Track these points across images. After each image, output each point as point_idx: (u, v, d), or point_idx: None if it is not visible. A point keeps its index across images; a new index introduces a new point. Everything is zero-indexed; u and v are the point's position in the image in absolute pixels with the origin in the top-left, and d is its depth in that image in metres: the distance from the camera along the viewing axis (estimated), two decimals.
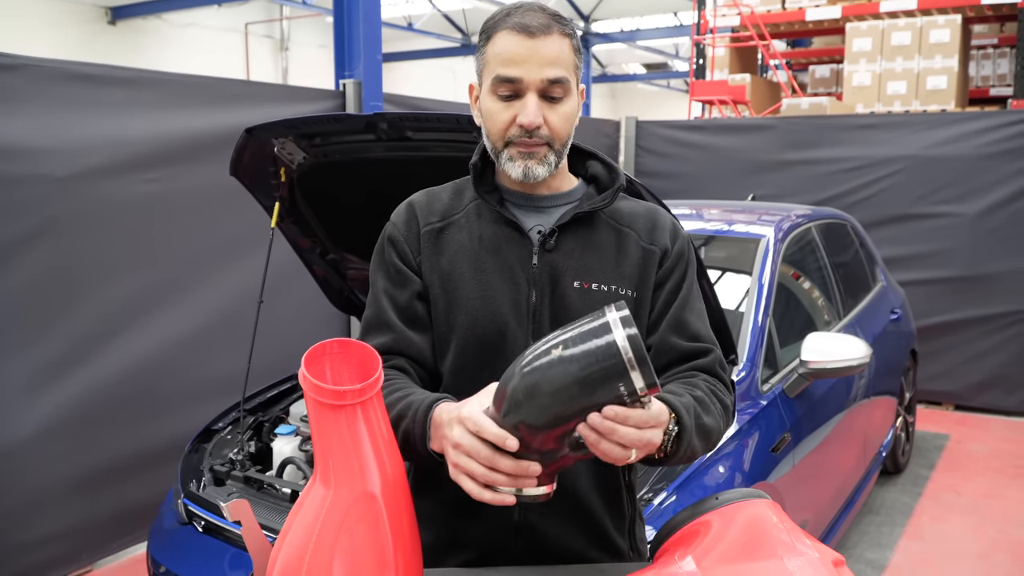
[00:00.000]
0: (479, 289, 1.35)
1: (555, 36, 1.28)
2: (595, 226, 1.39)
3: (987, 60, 8.24)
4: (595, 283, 1.36)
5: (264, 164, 2.57)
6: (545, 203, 1.40)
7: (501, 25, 1.29)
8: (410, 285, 1.39)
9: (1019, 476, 4.56)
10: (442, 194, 1.45)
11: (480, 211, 1.40)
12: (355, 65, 4.52)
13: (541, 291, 1.35)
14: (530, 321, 1.34)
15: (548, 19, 1.28)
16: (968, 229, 5.53)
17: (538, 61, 1.26)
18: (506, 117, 1.29)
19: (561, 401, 1.00)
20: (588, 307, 1.32)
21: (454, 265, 1.37)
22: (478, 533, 1.36)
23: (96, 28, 14.28)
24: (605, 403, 1.00)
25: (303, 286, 3.41)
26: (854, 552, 3.67)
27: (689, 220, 3.60)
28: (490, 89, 1.30)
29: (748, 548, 1.05)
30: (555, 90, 1.28)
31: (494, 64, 1.29)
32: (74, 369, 3.20)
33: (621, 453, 1.04)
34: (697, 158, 6.43)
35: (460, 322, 1.35)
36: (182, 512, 2.42)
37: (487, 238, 1.37)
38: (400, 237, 1.40)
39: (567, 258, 1.36)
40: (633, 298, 1.37)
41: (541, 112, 1.28)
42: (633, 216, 1.43)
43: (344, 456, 1.05)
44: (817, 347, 2.85)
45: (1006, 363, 5.53)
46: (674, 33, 18.52)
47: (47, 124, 3.07)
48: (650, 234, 1.41)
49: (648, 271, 1.39)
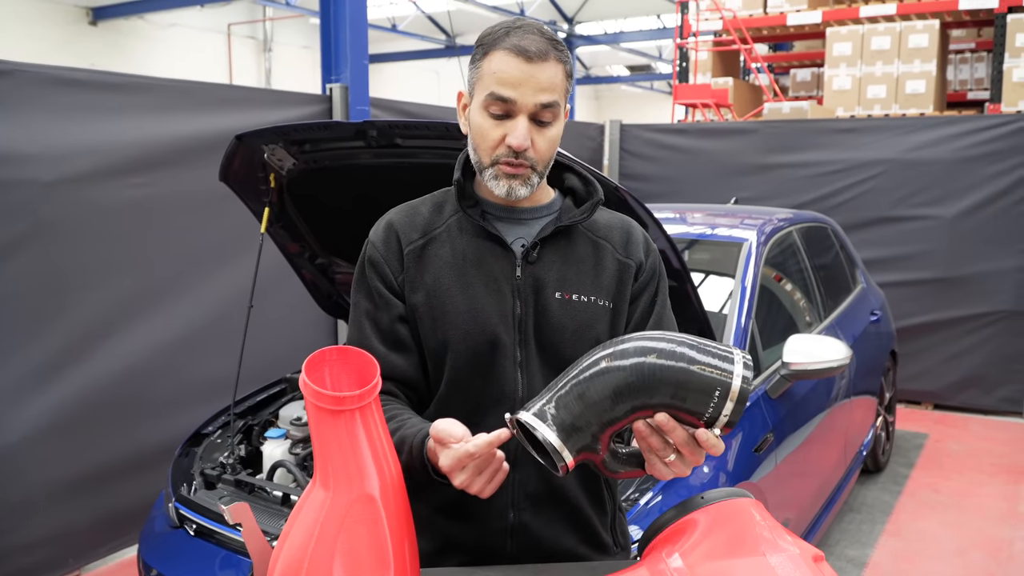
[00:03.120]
0: (467, 302, 1.38)
1: (551, 62, 1.31)
2: (574, 239, 1.43)
3: (965, 64, 8.35)
4: (575, 294, 1.40)
5: (254, 170, 2.59)
6: (526, 216, 1.43)
7: (500, 44, 1.31)
8: (392, 308, 1.40)
9: (996, 474, 4.65)
10: (421, 208, 1.46)
11: (462, 224, 1.42)
12: (342, 69, 4.54)
13: (525, 302, 1.39)
14: (516, 331, 1.38)
15: (547, 45, 1.31)
16: (946, 231, 5.63)
17: (533, 86, 1.29)
18: (496, 135, 1.32)
19: (665, 391, 1.10)
20: (569, 317, 1.38)
21: (439, 280, 1.39)
22: (472, 536, 1.40)
23: (77, 28, 14.17)
24: (686, 412, 1.11)
25: (292, 290, 3.43)
26: (835, 549, 3.73)
27: (673, 224, 3.65)
28: (482, 104, 1.32)
29: (732, 545, 1.09)
30: (545, 114, 1.31)
31: (489, 81, 1.31)
32: (63, 373, 3.21)
33: (663, 452, 1.15)
34: (680, 161, 6.50)
35: (452, 336, 1.37)
36: (173, 516, 2.44)
37: (471, 252, 1.40)
38: (380, 259, 1.42)
39: (548, 270, 1.40)
40: (609, 309, 1.42)
41: (530, 135, 1.31)
42: (609, 228, 1.47)
43: (343, 460, 1.09)
44: (799, 349, 2.90)
45: (983, 363, 5.63)
46: (657, 35, 18.62)
47: (33, 129, 3.07)
48: (625, 247, 1.46)
49: (624, 284, 1.44)
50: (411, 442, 1.26)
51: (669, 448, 1.15)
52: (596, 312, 1.40)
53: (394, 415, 1.33)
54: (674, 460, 1.16)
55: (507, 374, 1.38)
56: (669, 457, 1.16)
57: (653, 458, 1.17)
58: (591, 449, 1.13)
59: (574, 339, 1.38)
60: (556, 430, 1.09)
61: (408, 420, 1.32)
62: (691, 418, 1.11)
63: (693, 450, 1.14)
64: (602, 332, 1.41)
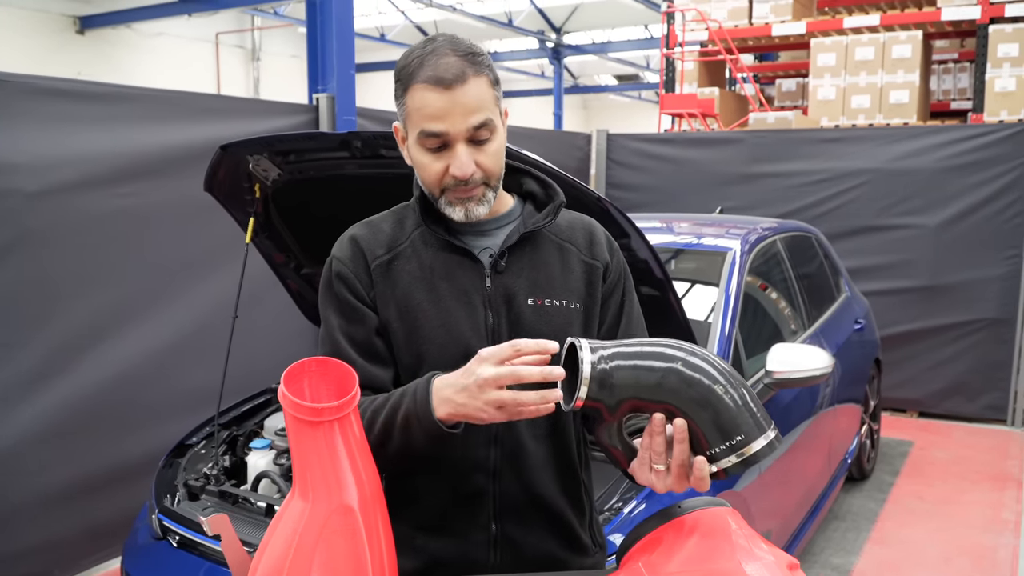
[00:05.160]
0: (439, 317, 1.37)
1: (472, 81, 1.27)
2: (539, 244, 1.44)
3: (948, 74, 8.45)
4: (547, 299, 1.40)
5: (239, 180, 2.59)
6: (489, 226, 1.43)
7: (416, 78, 1.28)
8: (367, 321, 1.39)
9: (980, 481, 4.68)
10: (383, 224, 1.45)
11: (426, 239, 1.41)
12: (328, 80, 4.55)
13: (497, 311, 1.39)
14: (489, 341, 1.37)
15: (462, 64, 1.27)
16: (930, 240, 5.68)
17: (460, 111, 1.26)
18: (438, 168, 1.31)
19: (688, 398, 1.15)
20: (543, 322, 1.38)
21: (409, 296, 1.38)
22: (456, 551, 1.40)
23: (65, 37, 14.13)
24: (703, 434, 1.16)
25: (277, 300, 3.42)
26: (820, 557, 3.75)
27: (658, 233, 3.67)
28: (417, 142, 1.31)
29: (709, 553, 1.10)
30: (481, 133, 1.29)
31: (417, 119, 1.29)
32: (46, 383, 3.19)
33: (658, 457, 1.18)
34: (666, 171, 6.54)
35: (427, 350, 1.37)
36: (156, 527, 2.43)
37: (438, 265, 1.39)
38: (349, 273, 1.40)
39: (517, 277, 1.40)
40: (581, 311, 1.43)
41: (472, 157, 1.29)
42: (572, 230, 1.48)
43: (322, 470, 1.09)
44: (782, 358, 2.92)
45: (967, 371, 5.67)
46: (645, 45, 18.74)
47: (18, 139, 3.06)
48: (590, 249, 1.47)
49: (594, 285, 1.45)
50: (414, 388, 1.25)
51: (665, 457, 1.16)
52: (569, 315, 1.41)
53: (385, 395, 1.32)
54: (661, 472, 1.17)
55: None
56: (659, 466, 1.17)
57: (646, 457, 1.18)
58: (609, 407, 1.16)
59: None
60: (592, 369, 1.13)
61: (398, 390, 1.31)
62: (701, 443, 1.16)
63: (683, 473, 1.16)
64: (575, 335, 1.41)
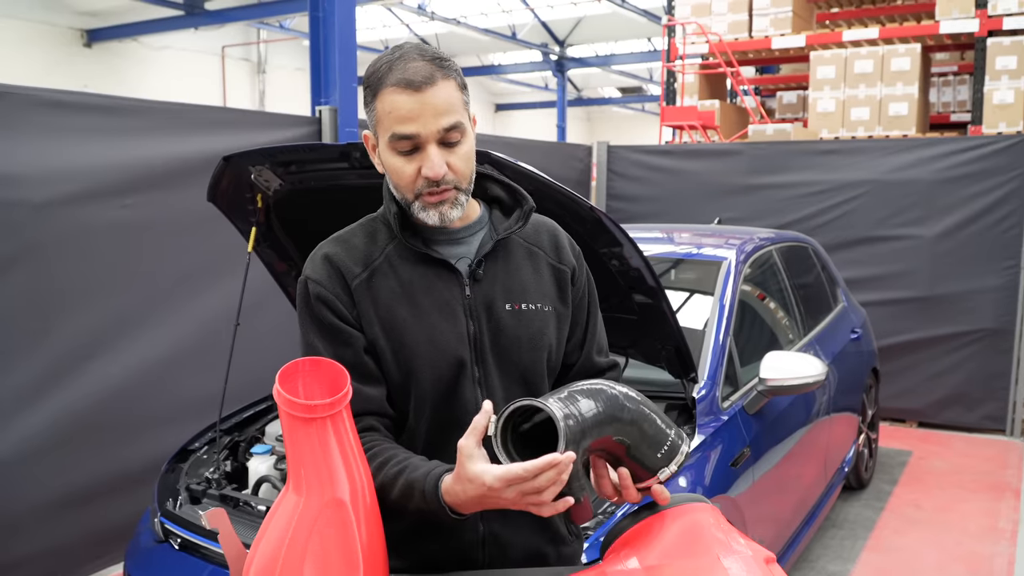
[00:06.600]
0: (424, 332, 1.39)
1: (440, 83, 1.30)
2: (510, 249, 1.48)
3: (947, 87, 8.50)
4: (523, 303, 1.44)
5: (241, 191, 2.64)
6: (461, 234, 1.45)
7: (385, 82, 1.30)
8: (354, 342, 1.39)
9: (978, 491, 4.70)
10: (353, 240, 1.45)
11: (401, 252, 1.43)
12: (331, 92, 4.61)
13: (478, 319, 1.42)
14: (473, 349, 1.41)
15: (430, 67, 1.30)
16: (928, 251, 5.71)
17: (431, 113, 1.29)
18: (411, 171, 1.33)
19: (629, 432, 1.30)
20: (523, 327, 1.43)
21: (392, 313, 1.39)
22: (445, 552, 1.44)
23: (72, 50, 14.28)
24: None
25: (279, 308, 3.47)
26: (817, 564, 3.77)
27: (656, 243, 3.72)
28: (388, 146, 1.34)
29: (688, 547, 1.15)
30: (452, 136, 1.32)
31: (388, 122, 1.32)
32: (51, 391, 3.24)
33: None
34: (666, 182, 6.59)
35: (417, 365, 1.39)
36: (158, 530, 2.47)
37: (417, 279, 1.41)
38: (329, 295, 1.39)
39: (494, 284, 1.44)
40: (553, 314, 1.48)
41: (444, 159, 1.32)
42: (538, 234, 1.53)
43: (315, 465, 1.14)
44: (775, 365, 2.96)
45: (966, 381, 5.69)
46: (648, 58, 18.85)
47: (25, 151, 3.12)
48: (556, 253, 1.52)
49: (563, 289, 1.50)
50: (422, 487, 1.26)
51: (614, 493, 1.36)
52: (545, 318, 1.46)
53: (389, 456, 1.32)
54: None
55: (467, 393, 1.41)
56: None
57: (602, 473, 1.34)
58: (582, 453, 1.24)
59: (529, 347, 1.44)
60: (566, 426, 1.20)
61: (409, 461, 1.32)
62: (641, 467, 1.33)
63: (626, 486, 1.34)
64: (552, 337, 1.47)
